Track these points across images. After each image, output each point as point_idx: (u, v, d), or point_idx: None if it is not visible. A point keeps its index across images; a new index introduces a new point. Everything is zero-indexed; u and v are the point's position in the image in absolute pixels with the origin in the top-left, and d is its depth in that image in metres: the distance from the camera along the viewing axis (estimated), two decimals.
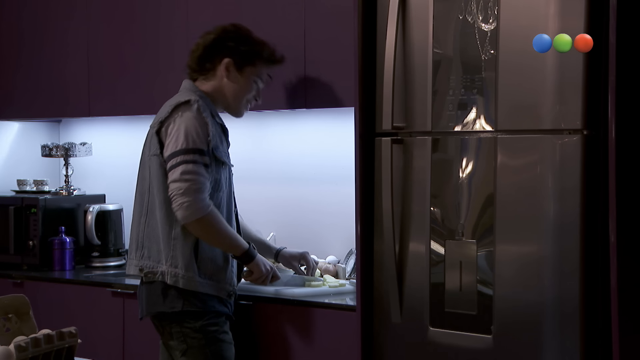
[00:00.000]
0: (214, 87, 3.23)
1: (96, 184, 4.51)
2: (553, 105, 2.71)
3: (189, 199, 3.02)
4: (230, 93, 3.23)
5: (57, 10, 4.26)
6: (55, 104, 4.30)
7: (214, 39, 3.23)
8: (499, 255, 2.78)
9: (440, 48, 2.90)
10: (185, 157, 3.05)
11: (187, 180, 3.03)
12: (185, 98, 3.14)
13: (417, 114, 2.94)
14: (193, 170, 3.04)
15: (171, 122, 3.11)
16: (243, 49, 3.21)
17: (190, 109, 3.10)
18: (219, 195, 3.14)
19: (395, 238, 2.96)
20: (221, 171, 3.14)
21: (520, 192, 2.75)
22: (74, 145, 4.39)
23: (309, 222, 3.88)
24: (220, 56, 3.21)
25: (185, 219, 3.04)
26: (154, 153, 3.15)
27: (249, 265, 3.17)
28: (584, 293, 2.68)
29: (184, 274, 3.09)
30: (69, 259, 4.17)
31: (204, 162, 3.06)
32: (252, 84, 3.25)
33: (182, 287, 3.09)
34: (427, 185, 2.92)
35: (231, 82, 3.22)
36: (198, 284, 3.10)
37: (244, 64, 3.22)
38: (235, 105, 3.27)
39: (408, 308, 2.95)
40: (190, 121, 3.08)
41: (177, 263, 3.09)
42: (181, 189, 3.03)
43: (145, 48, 3.98)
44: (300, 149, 3.94)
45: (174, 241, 3.10)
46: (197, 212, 3.03)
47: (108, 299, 3.77)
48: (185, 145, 3.06)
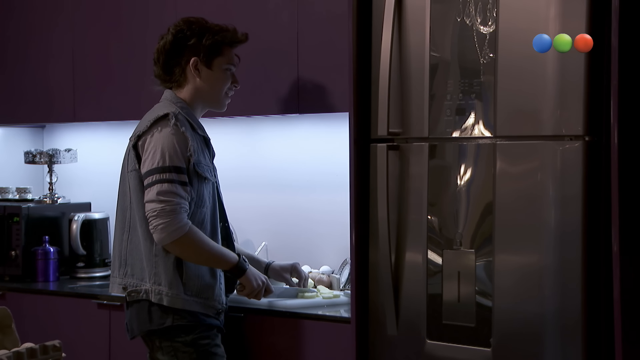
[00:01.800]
0: (191, 92, 3.21)
1: (81, 191, 4.50)
2: (554, 110, 2.72)
3: (164, 221, 3.01)
4: (207, 91, 3.21)
5: (42, 12, 4.26)
6: (39, 108, 4.30)
7: (172, 42, 3.19)
8: (498, 266, 2.79)
9: (437, 51, 2.91)
10: (161, 175, 3.04)
11: (161, 201, 3.01)
12: (164, 111, 3.13)
13: (413, 119, 2.95)
14: (168, 190, 3.02)
15: (148, 137, 3.10)
16: (205, 42, 3.18)
17: (168, 124, 3.09)
18: (202, 211, 3.12)
19: (391, 247, 2.97)
20: (204, 186, 3.12)
21: (520, 200, 2.76)
22: (59, 152, 4.39)
23: (302, 231, 3.88)
24: (185, 58, 3.19)
25: (161, 241, 3.04)
26: (132, 168, 3.14)
27: (241, 279, 3.16)
28: (586, 304, 2.68)
29: (168, 291, 3.08)
30: (53, 269, 4.17)
31: (181, 180, 3.04)
32: (226, 73, 3.23)
33: (166, 305, 3.08)
34: (424, 193, 2.92)
35: (204, 80, 3.20)
36: (184, 301, 3.09)
37: (211, 57, 3.19)
38: (215, 100, 3.24)
39: (404, 320, 2.96)
40: (168, 137, 3.07)
41: (161, 280, 3.09)
42: (155, 210, 3.02)
43: (133, 51, 3.99)
44: (293, 156, 3.94)
45: (156, 258, 3.09)
46: (172, 234, 3.01)
47: (94, 311, 3.77)
48: (162, 163, 3.04)
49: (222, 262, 3.13)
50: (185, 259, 3.08)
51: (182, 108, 3.17)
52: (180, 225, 3.02)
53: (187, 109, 3.19)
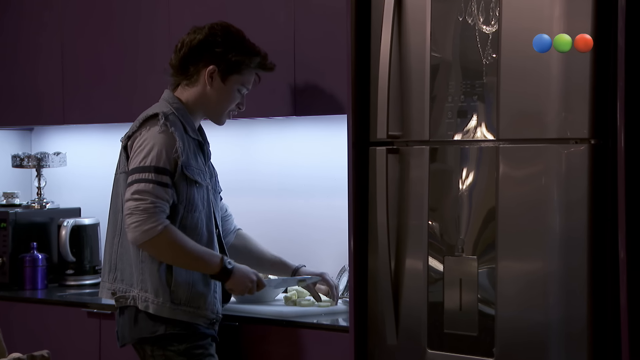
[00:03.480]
0: (195, 96, 3.22)
1: (71, 196, 4.50)
2: (558, 112, 2.72)
3: (137, 219, 3.00)
4: (212, 103, 3.22)
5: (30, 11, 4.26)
6: (27, 110, 4.30)
7: (201, 41, 3.20)
8: (501, 273, 2.79)
9: (438, 51, 2.92)
10: (140, 175, 3.04)
11: (136, 199, 3.01)
12: (154, 111, 3.14)
13: (414, 121, 2.96)
14: (144, 189, 3.02)
15: (137, 137, 3.11)
16: (231, 57, 3.18)
17: (157, 123, 3.10)
18: (195, 216, 3.12)
19: (391, 254, 2.97)
20: (194, 190, 3.11)
21: (523, 205, 2.76)
22: (47, 155, 4.39)
23: (298, 237, 3.88)
24: (204, 61, 3.19)
25: (134, 241, 3.03)
26: (122, 170, 3.15)
27: (227, 283, 3.15)
28: (592, 313, 2.68)
29: (154, 299, 3.07)
30: (42, 277, 4.16)
31: (160, 181, 3.03)
32: (236, 94, 3.23)
33: (152, 314, 3.08)
34: (424, 197, 2.92)
35: (214, 91, 3.21)
36: (171, 310, 3.07)
37: (230, 73, 3.20)
38: (217, 114, 3.25)
39: (404, 329, 2.96)
40: (154, 137, 3.07)
41: (147, 287, 3.08)
42: (130, 208, 3.02)
43: (125, 52, 3.99)
44: (290, 159, 3.95)
45: (142, 264, 3.09)
46: (145, 233, 3.00)
47: (83, 319, 3.77)
48: (143, 163, 3.05)
49: (201, 264, 3.09)
50: (164, 261, 3.07)
51: (178, 109, 3.18)
52: (154, 225, 3.00)
53: (183, 110, 3.19)
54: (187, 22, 3.61)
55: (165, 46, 3.77)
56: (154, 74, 3.73)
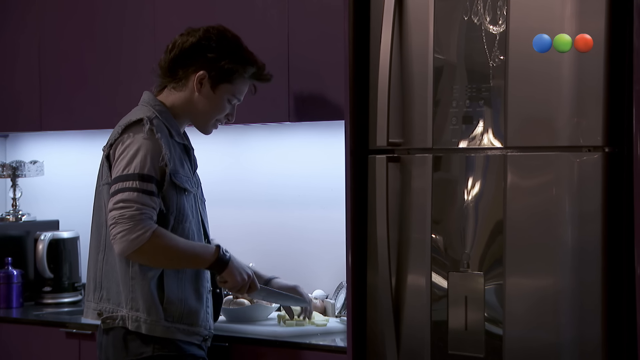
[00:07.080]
0: (182, 101, 3.21)
1: (48, 208, 4.50)
2: (570, 118, 2.73)
3: (122, 229, 2.99)
4: (199, 110, 3.22)
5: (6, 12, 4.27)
6: (2, 116, 4.30)
7: (194, 44, 3.19)
8: (509, 290, 2.79)
9: (442, 53, 2.93)
10: (123, 184, 3.03)
11: (120, 207, 3.01)
12: (137, 116, 3.13)
13: (416, 128, 2.96)
14: (129, 198, 3.01)
15: (119, 145, 3.11)
16: (223, 65, 3.17)
17: (142, 129, 3.10)
18: (185, 226, 3.12)
19: (392, 270, 2.97)
20: (183, 199, 3.12)
21: (533, 217, 2.77)
22: (23, 164, 4.40)
23: (293, 252, 3.89)
24: (195, 66, 3.18)
25: (122, 252, 3.02)
26: (105, 182, 3.15)
27: (223, 274, 3.15)
28: (606, 332, 2.69)
29: (146, 318, 3.07)
30: (17, 294, 4.16)
31: (146, 189, 3.03)
32: (225, 104, 3.23)
33: (145, 333, 3.08)
34: (427, 209, 2.93)
35: (202, 98, 3.21)
36: (164, 329, 3.08)
37: (220, 81, 3.20)
38: (202, 123, 3.25)
39: (406, 350, 2.96)
40: (139, 144, 3.07)
41: (138, 306, 3.08)
42: (114, 217, 3.01)
43: (107, 54, 4.00)
44: (283, 168, 3.95)
45: (132, 281, 3.08)
46: (133, 242, 2.99)
47: (62, 340, 3.77)
48: (126, 171, 3.05)
49: (198, 260, 3.11)
50: (156, 266, 3.07)
51: (161, 112, 3.17)
52: (141, 233, 3.00)
53: (167, 113, 3.19)
54: (173, 23, 3.63)
55: (150, 48, 3.77)
56: (138, 77, 3.74)
